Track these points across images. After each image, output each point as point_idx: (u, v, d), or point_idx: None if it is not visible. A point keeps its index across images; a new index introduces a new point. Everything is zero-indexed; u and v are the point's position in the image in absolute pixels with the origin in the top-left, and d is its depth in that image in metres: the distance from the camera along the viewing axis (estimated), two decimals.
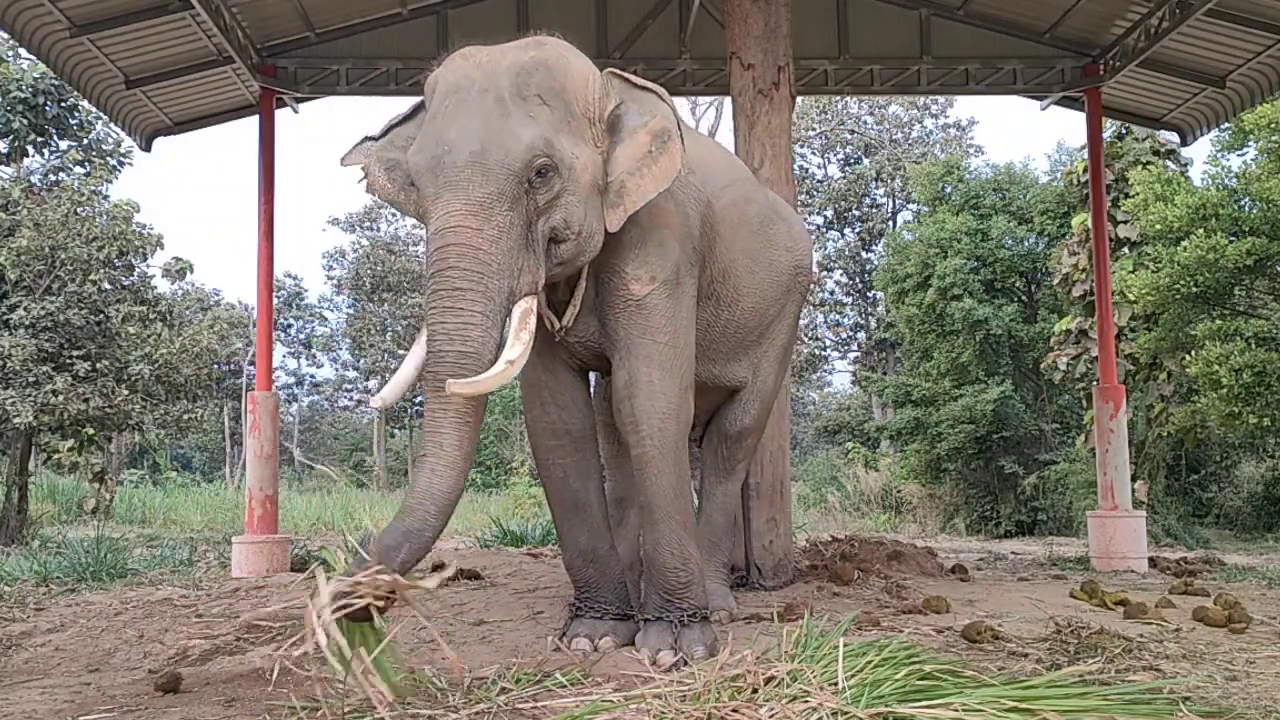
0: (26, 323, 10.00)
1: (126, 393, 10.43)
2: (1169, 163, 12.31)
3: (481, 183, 2.93)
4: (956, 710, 2.28)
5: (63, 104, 13.86)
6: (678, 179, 3.41)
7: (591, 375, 3.95)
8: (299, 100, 8.26)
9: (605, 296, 3.47)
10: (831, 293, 26.02)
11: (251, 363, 23.32)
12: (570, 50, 3.26)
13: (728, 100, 6.33)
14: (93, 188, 11.49)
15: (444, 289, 2.89)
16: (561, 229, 3.12)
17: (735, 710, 2.40)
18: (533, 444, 3.80)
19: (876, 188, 25.40)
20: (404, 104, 3.53)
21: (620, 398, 3.50)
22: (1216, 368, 9.75)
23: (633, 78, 3.35)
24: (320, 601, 2.46)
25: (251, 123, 8.09)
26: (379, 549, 2.64)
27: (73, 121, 14.14)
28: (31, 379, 9.90)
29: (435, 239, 2.94)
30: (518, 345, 2.97)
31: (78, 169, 13.58)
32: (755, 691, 2.52)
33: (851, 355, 26.66)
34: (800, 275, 4.53)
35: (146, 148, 8.48)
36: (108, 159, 14.17)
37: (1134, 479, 9.67)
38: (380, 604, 2.57)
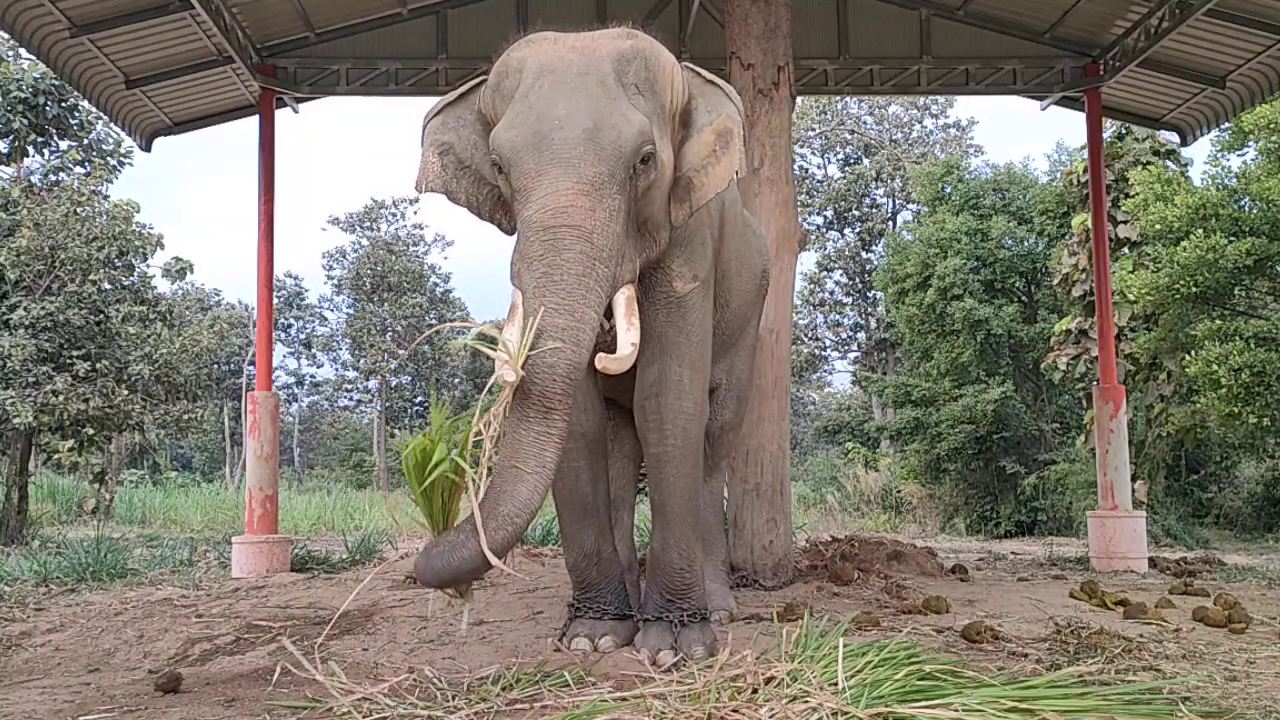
0: (26, 323, 10.00)
1: (126, 393, 10.43)
2: (1169, 163, 12.32)
3: (594, 161, 2.82)
4: (956, 710, 2.27)
5: (63, 104, 13.85)
6: None
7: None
8: (299, 100, 8.26)
9: (646, 292, 3.39)
10: (831, 293, 26.04)
11: (251, 363, 23.33)
12: (659, 44, 3.20)
13: None
14: (93, 188, 11.49)
15: (557, 275, 2.75)
16: (650, 223, 3.07)
17: (735, 710, 2.40)
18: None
19: (876, 188, 25.41)
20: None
21: (646, 394, 3.47)
22: (1216, 368, 9.75)
23: (703, 71, 3.32)
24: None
25: (252, 123, 8.10)
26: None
27: (73, 121, 14.12)
28: (31, 379, 9.90)
29: (543, 217, 2.79)
30: (633, 330, 2.91)
31: (78, 169, 13.58)
32: (755, 691, 2.52)
33: (851, 355, 26.67)
34: (765, 278, 4.66)
35: (146, 148, 8.48)
36: (108, 159, 14.16)
37: (1134, 479, 9.68)
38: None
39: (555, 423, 2.68)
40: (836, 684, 2.46)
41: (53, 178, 13.60)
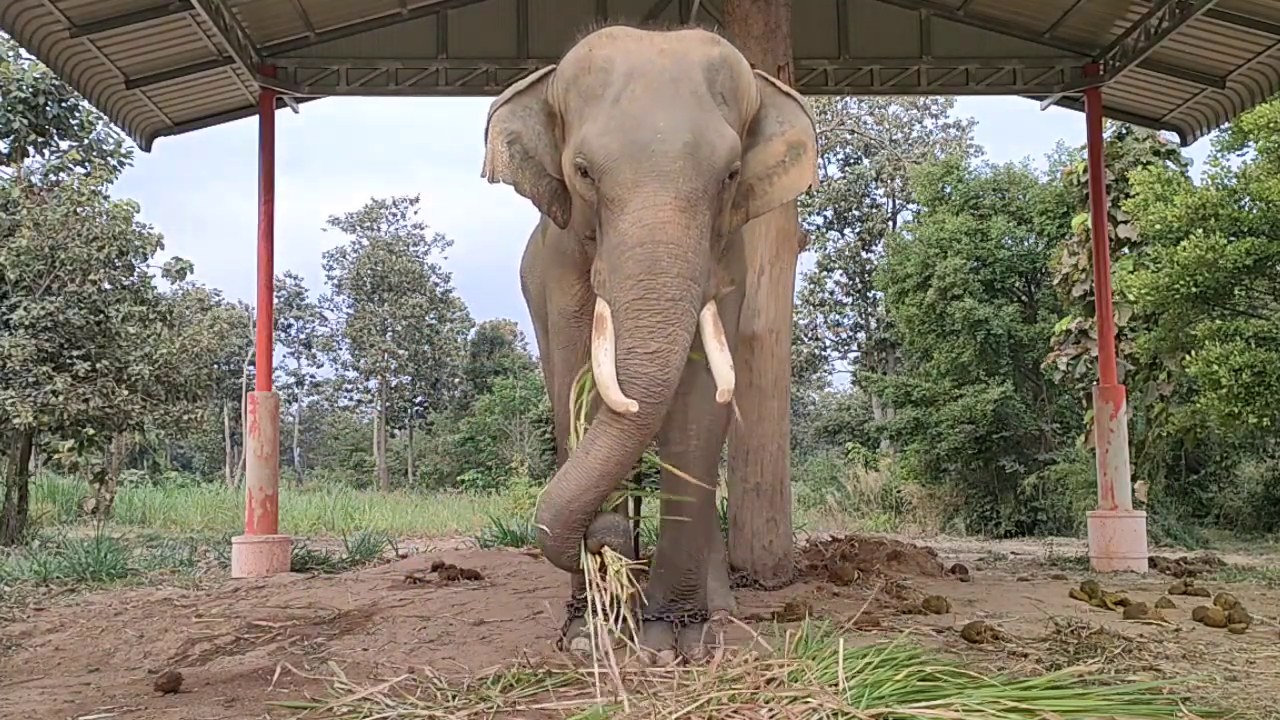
0: (26, 323, 10.00)
1: (126, 393, 10.42)
2: (1169, 163, 12.32)
3: (692, 176, 2.78)
4: (956, 710, 2.27)
5: (63, 104, 13.84)
6: None
7: None
8: (299, 100, 8.26)
9: None
10: (831, 293, 26.05)
11: (251, 363, 23.32)
12: (738, 51, 3.18)
13: None
14: (93, 188, 11.49)
15: (653, 297, 2.75)
16: (720, 234, 3.04)
17: (735, 711, 2.40)
18: (565, 445, 3.75)
19: (876, 188, 25.42)
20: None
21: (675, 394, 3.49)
22: (1216, 368, 9.74)
23: (777, 81, 3.30)
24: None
25: (252, 123, 8.10)
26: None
27: (73, 121, 14.10)
28: (31, 379, 9.90)
29: (640, 232, 2.77)
30: (726, 351, 2.95)
31: (78, 169, 13.57)
32: (755, 692, 2.51)
33: (851, 355, 26.68)
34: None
35: (146, 148, 8.48)
36: (108, 159, 14.16)
37: (1134, 479, 9.67)
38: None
39: (621, 424, 2.80)
40: (837, 684, 2.46)
41: (53, 178, 13.58)
